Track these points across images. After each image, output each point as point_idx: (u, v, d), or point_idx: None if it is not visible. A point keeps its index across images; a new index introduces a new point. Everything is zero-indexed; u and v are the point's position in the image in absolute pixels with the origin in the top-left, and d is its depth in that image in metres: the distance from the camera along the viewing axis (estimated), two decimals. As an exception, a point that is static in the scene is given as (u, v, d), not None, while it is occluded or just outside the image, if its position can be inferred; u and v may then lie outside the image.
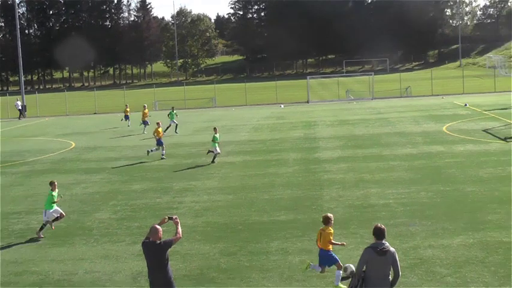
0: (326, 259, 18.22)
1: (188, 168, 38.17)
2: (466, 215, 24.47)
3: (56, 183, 25.69)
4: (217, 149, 39.98)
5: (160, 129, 43.32)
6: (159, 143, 42.75)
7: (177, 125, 56.93)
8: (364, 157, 38.82)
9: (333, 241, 18.12)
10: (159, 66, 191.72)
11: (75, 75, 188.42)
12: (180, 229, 15.06)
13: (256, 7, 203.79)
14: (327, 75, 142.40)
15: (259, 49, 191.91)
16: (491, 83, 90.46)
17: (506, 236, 21.55)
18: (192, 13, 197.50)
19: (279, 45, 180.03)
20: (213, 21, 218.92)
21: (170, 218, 15.20)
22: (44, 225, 25.15)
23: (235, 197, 29.74)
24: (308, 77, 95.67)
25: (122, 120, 65.56)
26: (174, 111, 58.61)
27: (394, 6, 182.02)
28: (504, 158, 36.06)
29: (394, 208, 26.13)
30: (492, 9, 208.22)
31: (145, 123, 58.68)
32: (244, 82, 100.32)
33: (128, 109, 66.30)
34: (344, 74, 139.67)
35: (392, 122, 55.51)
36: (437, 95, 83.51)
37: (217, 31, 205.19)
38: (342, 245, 19.11)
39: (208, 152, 40.74)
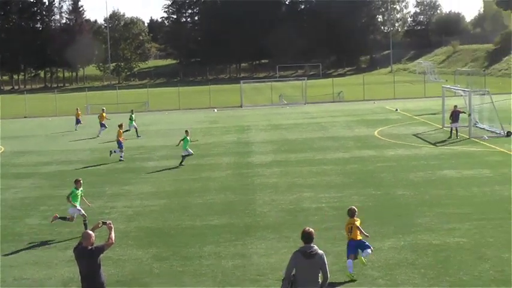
0: (358, 247, 19.28)
1: (121, 173, 37.89)
2: (397, 218, 24.80)
3: (81, 181, 25.86)
4: (189, 150, 40.15)
5: (121, 131, 43.96)
6: (120, 145, 43.05)
7: (137, 129, 55.99)
8: (297, 161, 39.04)
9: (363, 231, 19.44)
10: (91, 69, 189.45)
11: (5, 78, 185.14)
12: (113, 234, 14.94)
13: (189, 11, 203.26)
14: (260, 79, 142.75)
15: (193, 53, 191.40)
16: (421, 89, 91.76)
17: (436, 239, 21.90)
18: (125, 16, 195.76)
19: (213, 49, 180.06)
20: (146, 24, 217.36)
21: (104, 223, 15.07)
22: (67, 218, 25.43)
23: (168, 201, 29.62)
24: (242, 81, 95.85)
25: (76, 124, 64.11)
26: (133, 115, 57.78)
27: (327, 12, 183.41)
28: (434, 162, 36.67)
29: (326, 212, 26.34)
30: (422, 16, 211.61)
31: (102, 125, 58.36)
32: (178, 86, 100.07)
33: (80, 112, 65.50)
34: (277, 79, 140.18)
35: (325, 127, 55.97)
36: (369, 100, 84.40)
37: (151, 35, 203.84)
38: (367, 236, 19.61)
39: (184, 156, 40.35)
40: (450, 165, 35.73)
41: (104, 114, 59.73)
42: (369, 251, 19.36)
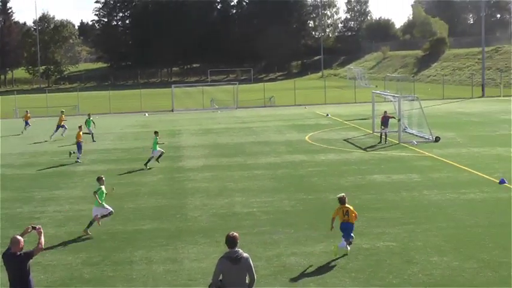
0: (350, 230, 21.47)
1: (50, 177, 37.41)
2: (328, 222, 24.88)
3: (103, 178, 25.86)
4: (160, 150, 40.75)
5: (81, 133, 44.10)
6: (79, 146, 43.40)
7: (93, 134, 54.71)
8: (228, 166, 39.07)
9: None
10: (20, 72, 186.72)
11: None
12: (42, 239, 14.74)
13: (120, 14, 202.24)
14: (191, 84, 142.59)
15: (124, 57, 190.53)
16: (351, 94, 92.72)
17: (366, 243, 22.14)
18: (55, 19, 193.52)
19: (144, 53, 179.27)
20: (76, 27, 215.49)
21: (34, 228, 14.86)
22: (92, 222, 25.08)
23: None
24: (173, 85, 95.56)
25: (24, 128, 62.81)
26: (91, 118, 56.89)
27: (258, 17, 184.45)
28: (364, 167, 37.07)
29: (258, 216, 26.41)
30: (353, 22, 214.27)
31: (62, 127, 58.02)
32: (108, 90, 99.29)
33: (29, 115, 64.33)
34: (208, 83, 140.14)
35: (256, 131, 56.14)
36: (300, 105, 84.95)
37: (81, 38, 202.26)
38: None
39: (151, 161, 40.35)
40: (380, 170, 36.18)
41: (63, 116, 59.00)
42: (346, 244, 21.19)
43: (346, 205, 21.75)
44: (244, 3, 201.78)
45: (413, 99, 55.20)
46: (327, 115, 69.43)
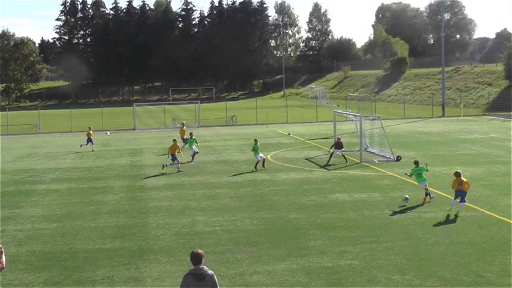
0: (464, 196, 29.05)
1: (11, 196, 37.08)
2: (290, 241, 25.07)
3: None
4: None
5: (178, 145, 46.21)
6: (173, 157, 44.92)
7: (195, 154, 50.67)
8: (190, 185, 39.03)
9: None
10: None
11: None
12: (3, 259, 14.68)
13: (82, 32, 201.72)
14: (153, 102, 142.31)
15: (85, 75, 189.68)
16: (313, 113, 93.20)
17: (328, 261, 22.23)
18: (16, 36, 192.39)
19: (105, 71, 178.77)
20: (37, 45, 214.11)
21: (-6, 248, 14.76)
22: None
23: (60, 225, 29.14)
24: (134, 104, 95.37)
25: (81, 145, 61.31)
26: (194, 137, 52.34)
27: (219, 36, 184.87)
28: (326, 186, 37.23)
29: (220, 235, 26.41)
30: (314, 42, 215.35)
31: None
32: (70, 108, 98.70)
33: (92, 132, 61.29)
34: (170, 102, 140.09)
35: (218, 150, 56.15)
36: (262, 124, 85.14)
37: (42, 56, 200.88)
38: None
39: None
40: (342, 188, 36.37)
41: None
42: (463, 204, 28.96)
43: (461, 177, 29.23)
44: (206, 22, 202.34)
45: (374, 118, 55.61)
46: (289, 134, 69.64)
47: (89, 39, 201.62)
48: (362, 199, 33.20)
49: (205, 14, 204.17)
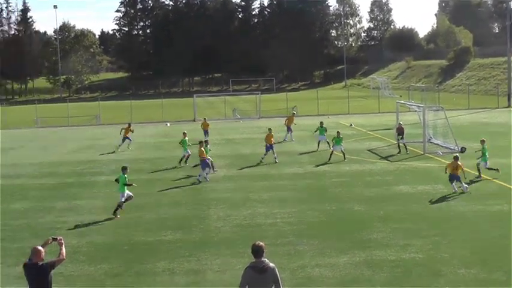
0: (456, 179, 31.80)
1: (71, 187, 37.51)
2: (352, 233, 24.88)
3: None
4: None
5: (203, 149, 38.66)
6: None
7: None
8: (250, 176, 39.03)
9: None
10: (41, 82, 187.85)
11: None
12: (64, 250, 14.76)
13: (141, 24, 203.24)
14: (213, 93, 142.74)
15: (145, 66, 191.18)
16: (375, 104, 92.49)
17: (391, 254, 22.01)
18: (76, 28, 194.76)
19: (165, 62, 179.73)
20: (97, 37, 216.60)
21: (54, 239, 14.85)
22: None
23: (120, 216, 29.36)
24: (195, 95, 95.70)
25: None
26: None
27: (279, 27, 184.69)
28: (388, 178, 36.92)
29: (281, 227, 26.33)
30: (376, 32, 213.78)
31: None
32: (130, 99, 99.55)
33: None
34: (231, 93, 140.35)
35: (279, 141, 55.95)
36: (323, 115, 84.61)
37: (102, 47, 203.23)
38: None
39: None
40: (405, 180, 36.02)
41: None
42: (466, 186, 31.90)
43: (458, 162, 31.89)
44: (266, 12, 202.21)
45: (438, 109, 54.98)
46: (351, 125, 69.28)
47: (148, 31, 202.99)
48: (426, 191, 32.82)
49: (265, 5, 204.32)
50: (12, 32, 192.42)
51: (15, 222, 28.96)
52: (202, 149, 38.47)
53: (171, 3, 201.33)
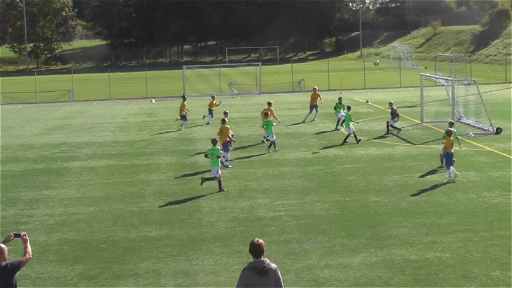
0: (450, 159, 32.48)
1: (39, 175, 37.54)
2: (368, 229, 24.91)
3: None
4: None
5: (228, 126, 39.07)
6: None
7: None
8: (249, 162, 39.06)
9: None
10: (4, 51, 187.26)
11: None
12: (29, 248, 14.73)
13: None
14: (206, 65, 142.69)
15: (126, 33, 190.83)
16: (396, 77, 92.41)
17: (414, 254, 22.04)
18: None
19: (150, 28, 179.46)
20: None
21: (17, 235, 14.78)
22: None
23: (97, 209, 29.39)
24: (184, 66, 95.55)
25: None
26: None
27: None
28: (411, 164, 36.91)
29: (285, 222, 26.37)
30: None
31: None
32: (108, 72, 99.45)
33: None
34: (226, 64, 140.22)
35: (283, 121, 55.66)
36: (335, 90, 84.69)
37: (76, 10, 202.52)
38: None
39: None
40: (430, 166, 36.00)
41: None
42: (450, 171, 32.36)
43: (451, 138, 32.76)
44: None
45: (469, 83, 54.98)
46: (367, 102, 69.28)
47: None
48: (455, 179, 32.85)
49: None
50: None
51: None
52: (228, 126, 39.02)
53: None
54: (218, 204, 29.58)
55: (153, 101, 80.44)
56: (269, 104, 47.49)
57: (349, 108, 45.61)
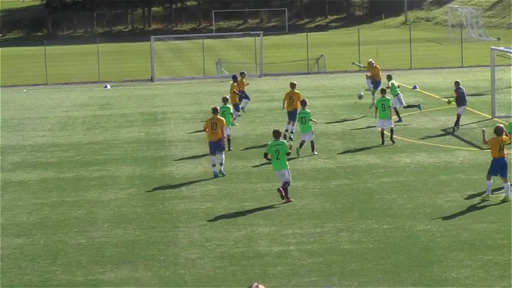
0: (502, 167, 32.23)
1: None
2: (416, 270, 24.93)
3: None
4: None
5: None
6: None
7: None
8: (245, 173, 39.27)
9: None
10: None
11: None
12: None
13: None
14: (184, 35, 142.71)
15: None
16: (455, 52, 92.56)
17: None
18: None
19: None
20: None
21: None
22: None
23: (27, 241, 29.41)
24: (152, 37, 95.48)
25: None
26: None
27: None
28: (477, 176, 36.83)
29: (296, 259, 26.37)
30: None
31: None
32: (44, 45, 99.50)
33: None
34: (213, 34, 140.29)
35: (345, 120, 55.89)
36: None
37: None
38: None
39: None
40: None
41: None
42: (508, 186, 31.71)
43: (503, 137, 31.98)
44: None
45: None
46: (415, 88, 69.37)
47: None
48: (539, 199, 32.91)
49: None
50: None
51: None
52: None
53: None
54: (201, 234, 29.60)
55: (108, 86, 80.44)
56: (292, 85, 47.10)
57: (383, 90, 46.31)
